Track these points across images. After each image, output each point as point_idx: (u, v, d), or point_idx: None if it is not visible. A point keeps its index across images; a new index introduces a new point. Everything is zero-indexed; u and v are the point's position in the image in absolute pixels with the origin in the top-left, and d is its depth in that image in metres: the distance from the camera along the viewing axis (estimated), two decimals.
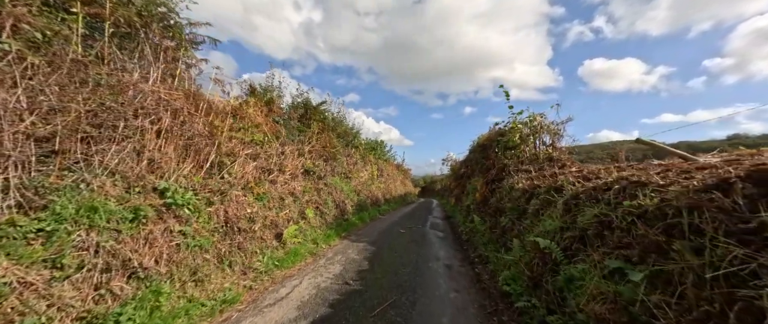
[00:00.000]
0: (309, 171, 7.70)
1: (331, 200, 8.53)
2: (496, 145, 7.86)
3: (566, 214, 3.17)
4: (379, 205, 14.87)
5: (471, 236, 7.47)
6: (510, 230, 4.82)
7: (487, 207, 6.96)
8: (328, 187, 8.72)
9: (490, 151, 8.43)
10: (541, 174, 5.27)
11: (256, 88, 8.32)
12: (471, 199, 8.76)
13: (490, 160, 8.10)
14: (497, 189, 6.72)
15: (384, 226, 9.75)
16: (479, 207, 7.65)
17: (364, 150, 14.80)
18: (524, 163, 6.45)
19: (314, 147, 8.80)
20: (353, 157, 12.34)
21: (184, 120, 4.05)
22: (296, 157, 7.23)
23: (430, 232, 9.14)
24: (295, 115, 8.75)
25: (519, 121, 6.95)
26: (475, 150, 11.06)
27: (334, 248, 6.36)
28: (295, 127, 8.60)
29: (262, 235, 4.88)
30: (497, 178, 7.11)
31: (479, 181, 8.21)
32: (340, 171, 10.43)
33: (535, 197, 4.39)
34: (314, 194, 7.53)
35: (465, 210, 9.65)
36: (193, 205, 3.68)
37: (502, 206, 5.74)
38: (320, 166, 8.72)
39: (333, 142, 9.77)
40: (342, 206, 9.36)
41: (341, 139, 11.77)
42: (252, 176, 5.17)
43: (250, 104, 7.14)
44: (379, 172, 17.42)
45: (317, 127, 9.23)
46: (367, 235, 8.08)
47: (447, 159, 18.70)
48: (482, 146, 10.22)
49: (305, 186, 7.14)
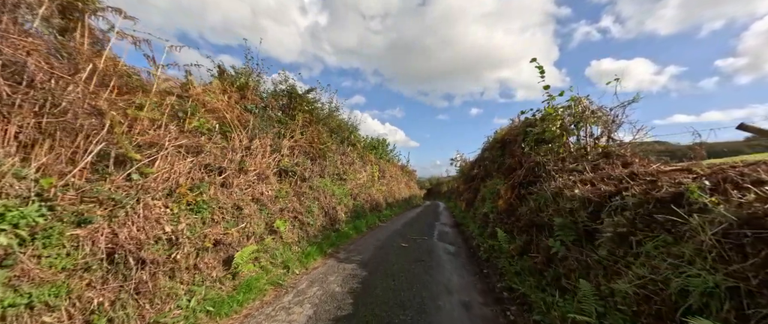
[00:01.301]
0: (286, 171, 6.15)
1: (316, 207, 6.96)
2: (523, 139, 6.22)
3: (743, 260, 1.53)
4: (380, 209, 13.27)
5: (491, 254, 5.82)
6: (566, 261, 3.18)
7: (516, 218, 5.32)
8: (313, 191, 7.16)
9: (514, 146, 6.78)
10: (603, 176, 3.62)
11: (225, 70, 6.82)
12: (490, 207, 7.12)
13: (515, 158, 6.46)
14: (528, 195, 5.08)
15: (383, 237, 8.15)
16: (502, 217, 6.01)
17: (362, 148, 13.23)
18: (568, 160, 4.80)
19: (297, 142, 7.25)
20: (349, 156, 10.79)
21: (46, 86, 2.53)
22: (268, 154, 5.69)
23: (439, 245, 7.51)
24: (275, 104, 7.21)
25: (558, 106, 5.29)
26: (492, 147, 9.39)
27: (311, 274, 4.77)
28: (275, 118, 7.06)
29: (195, 264, 3.33)
30: (527, 180, 5.47)
31: (501, 185, 6.56)
32: (331, 172, 8.86)
33: (613, 213, 2.74)
34: (292, 200, 5.97)
35: (481, 219, 7.99)
36: (35, 226, 2.14)
37: (542, 220, 4.11)
38: (304, 165, 7.16)
39: (322, 137, 8.22)
40: (332, 214, 7.79)
41: (335, 136, 10.22)
42: (188, 177, 3.63)
43: (212, 87, 5.63)
44: (381, 174, 15.83)
45: (302, 119, 7.68)
46: (361, 250, 6.49)
47: (455, 159, 17.05)
48: (501, 142, 8.56)
49: (279, 190, 5.59)
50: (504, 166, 7.65)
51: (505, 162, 7.72)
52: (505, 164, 7.55)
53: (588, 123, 4.98)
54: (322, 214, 7.31)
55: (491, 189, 8.06)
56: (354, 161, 11.43)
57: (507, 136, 8.14)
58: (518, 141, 6.42)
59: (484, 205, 8.55)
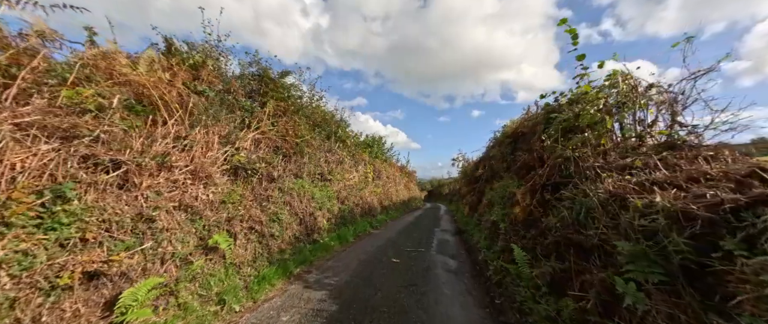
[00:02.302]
0: (244, 169, 4.85)
1: (286, 214, 5.65)
2: (544, 130, 4.91)
3: None
4: (373, 214, 11.95)
5: (504, 276, 4.50)
6: (648, 321, 1.87)
7: (539, 232, 3.99)
8: (284, 195, 5.85)
9: (532, 139, 5.44)
10: (695, 175, 2.30)
11: (174, 44, 5.55)
12: (500, 214, 5.78)
13: (533, 154, 5.14)
14: (556, 201, 3.77)
15: (372, 249, 6.83)
16: (519, 229, 4.68)
17: (354, 146, 11.92)
18: (613, 154, 3.48)
19: (266, 134, 5.95)
20: (337, 154, 9.48)
21: None
22: (215, 147, 4.39)
23: (438, 259, 6.18)
24: (239, 89, 5.93)
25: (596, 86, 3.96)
26: (501, 143, 8.05)
27: (258, 310, 3.45)
28: (239, 104, 5.78)
29: (37, 315, 2.03)
30: (553, 181, 4.15)
31: (515, 187, 5.22)
32: (312, 171, 7.56)
33: (760, 240, 1.44)
34: (249, 207, 4.66)
35: (489, 228, 6.66)
36: None
37: (587, 240, 2.79)
38: (273, 162, 5.86)
39: (299, 130, 6.91)
40: (309, 222, 6.48)
41: (320, 130, 8.92)
42: (42, 174, 2.34)
43: (143, 58, 4.35)
44: (376, 174, 14.52)
45: (274, 107, 6.39)
46: (340, 269, 5.17)
47: (457, 159, 15.71)
48: (513, 137, 7.23)
49: (229, 193, 4.28)
50: (516, 165, 6.33)
51: (519, 159, 6.39)
52: (518, 162, 6.23)
53: (637, 105, 3.65)
54: (295, 223, 6.01)
55: (500, 192, 6.73)
56: (343, 160, 10.13)
57: (520, 128, 6.82)
58: (538, 132, 5.10)
59: (491, 211, 7.22)
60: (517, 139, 6.98)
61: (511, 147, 7.41)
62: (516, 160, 7.26)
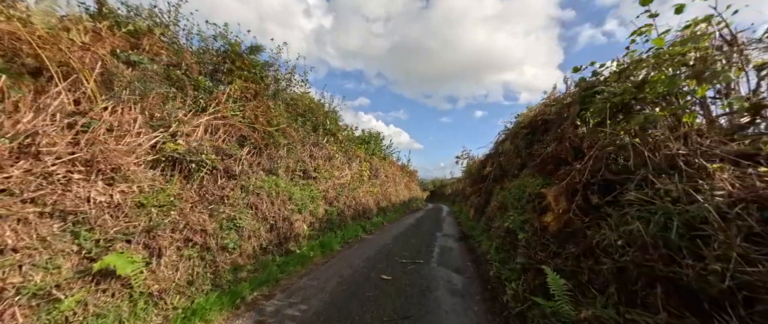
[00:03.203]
0: (183, 160, 3.69)
1: (249, 219, 4.50)
2: (581, 112, 3.72)
3: None
4: (368, 216, 10.79)
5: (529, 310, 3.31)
6: None
7: (584, 252, 2.81)
8: (247, 195, 4.69)
9: (563, 126, 4.23)
10: None
11: (105, 4, 4.42)
12: (518, 222, 4.58)
13: (563, 144, 3.94)
14: (610, 208, 2.59)
15: (360, 261, 5.65)
16: (548, 242, 3.49)
17: (348, 141, 10.74)
18: (709, 136, 2.30)
19: (228, 120, 4.80)
20: (324, 148, 8.30)
21: None
22: (137, 130, 3.23)
23: (440, 275, 5.00)
24: (193, 64, 4.78)
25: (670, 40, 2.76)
26: (516, 135, 6.81)
27: None
28: (191, 81, 4.64)
29: None
30: (600, 179, 2.96)
31: (543, 188, 3.98)
32: (292, 167, 6.40)
33: None
34: (189, 211, 3.50)
35: (501, 238, 5.46)
36: None
37: (698, 279, 1.61)
38: (235, 154, 4.71)
39: (274, 117, 5.75)
40: (284, 228, 5.32)
41: (304, 120, 7.75)
42: None
43: (37, 11, 3.22)
44: (373, 173, 13.35)
45: (241, 89, 5.23)
46: (312, 292, 4.00)
47: (461, 157, 14.50)
48: (531, 127, 6.01)
49: (153, 194, 3.13)
50: (537, 159, 5.13)
51: (538, 152, 5.20)
52: (538, 156, 5.03)
53: (738, 65, 2.45)
54: (263, 229, 4.85)
55: (516, 193, 5.53)
56: (333, 155, 8.96)
57: (540, 116, 5.61)
58: (571, 115, 3.88)
59: (504, 216, 6.02)
60: (537, 129, 5.78)
61: (527, 139, 6.22)
62: (533, 154, 6.06)
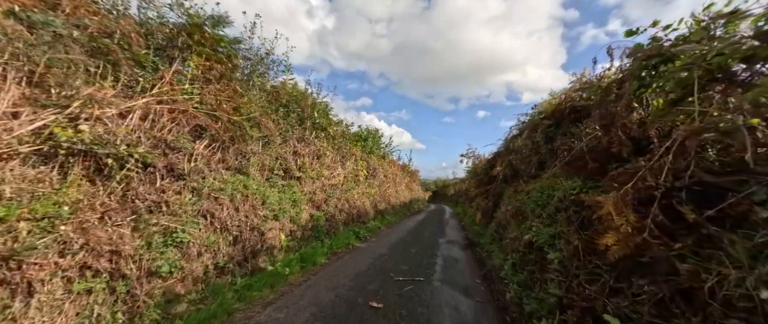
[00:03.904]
0: (88, 153, 2.69)
1: (201, 231, 3.50)
2: (638, 90, 2.68)
3: None
4: (363, 220, 9.78)
5: None
6: None
7: (672, 294, 1.80)
8: (201, 199, 3.69)
9: (613, 109, 3.14)
10: None
11: None
12: (546, 235, 3.53)
13: (614, 135, 2.88)
14: (714, 229, 1.58)
15: (345, 280, 4.62)
16: (601, 272, 2.46)
17: (341, 138, 9.72)
18: None
19: (178, 105, 3.80)
20: (312, 144, 7.29)
21: None
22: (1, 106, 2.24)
23: (444, 299, 3.95)
24: (133, 34, 3.79)
25: None
26: (535, 128, 5.73)
27: None
28: (127, 55, 3.65)
29: None
30: (692, 183, 1.94)
31: (604, 198, 2.83)
32: (269, 165, 5.40)
33: None
34: (96, 224, 2.50)
35: (521, 253, 4.41)
36: None
37: None
38: (186, 147, 3.71)
39: (241, 103, 4.74)
40: (252, 239, 4.32)
41: (287, 110, 6.73)
42: None
43: None
44: (370, 173, 12.33)
45: (199, 66, 4.23)
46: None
47: (467, 155, 13.45)
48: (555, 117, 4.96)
49: (17, 203, 2.13)
50: (565, 156, 4.10)
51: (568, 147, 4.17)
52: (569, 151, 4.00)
53: None
54: (224, 243, 3.85)
55: (538, 197, 4.48)
56: (323, 153, 7.95)
57: (568, 103, 4.58)
58: (626, 93, 2.83)
59: (521, 226, 4.98)
60: (563, 119, 4.75)
61: (549, 133, 5.18)
62: (555, 150, 5.03)
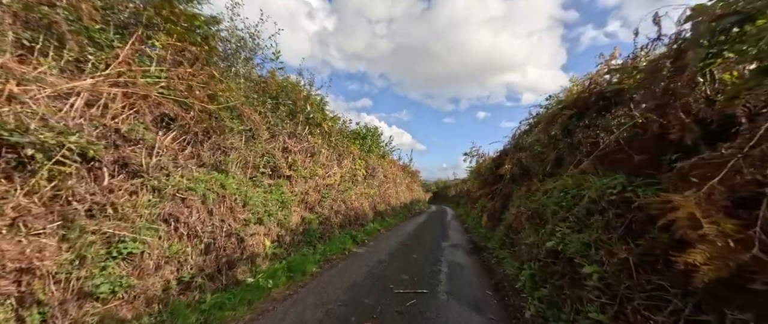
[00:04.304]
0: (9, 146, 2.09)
1: (162, 239, 2.89)
2: (706, 58, 2.09)
3: None
4: (362, 223, 9.16)
5: None
6: None
7: None
8: (163, 200, 3.08)
9: (670, 87, 2.54)
10: None
11: None
12: (578, 244, 2.91)
13: (674, 117, 2.28)
14: None
15: (337, 294, 3.98)
16: (670, 296, 1.86)
17: (337, 134, 9.09)
18: None
19: (139, 90, 3.19)
20: (305, 140, 6.68)
21: None
22: None
23: (451, 318, 3.32)
24: (83, 6, 3.19)
25: None
26: (552, 121, 5.07)
27: None
28: (73, 27, 3.05)
29: None
30: None
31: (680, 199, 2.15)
32: (253, 162, 4.78)
33: None
34: (3, 239, 1.90)
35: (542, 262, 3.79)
36: None
37: None
38: (144, 139, 3.10)
39: (217, 90, 4.13)
40: (229, 247, 3.70)
41: (276, 103, 6.12)
42: None
43: None
44: (369, 172, 11.71)
45: (166, 46, 3.63)
46: None
47: (471, 153, 12.82)
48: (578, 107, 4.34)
49: None
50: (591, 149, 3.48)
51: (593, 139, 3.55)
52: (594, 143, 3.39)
53: None
54: (194, 253, 3.24)
55: (560, 198, 3.87)
56: (318, 150, 7.34)
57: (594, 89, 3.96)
58: (690, 64, 2.16)
59: (540, 231, 4.36)
60: (588, 108, 4.13)
61: (569, 125, 4.57)
62: (575, 144, 4.42)
